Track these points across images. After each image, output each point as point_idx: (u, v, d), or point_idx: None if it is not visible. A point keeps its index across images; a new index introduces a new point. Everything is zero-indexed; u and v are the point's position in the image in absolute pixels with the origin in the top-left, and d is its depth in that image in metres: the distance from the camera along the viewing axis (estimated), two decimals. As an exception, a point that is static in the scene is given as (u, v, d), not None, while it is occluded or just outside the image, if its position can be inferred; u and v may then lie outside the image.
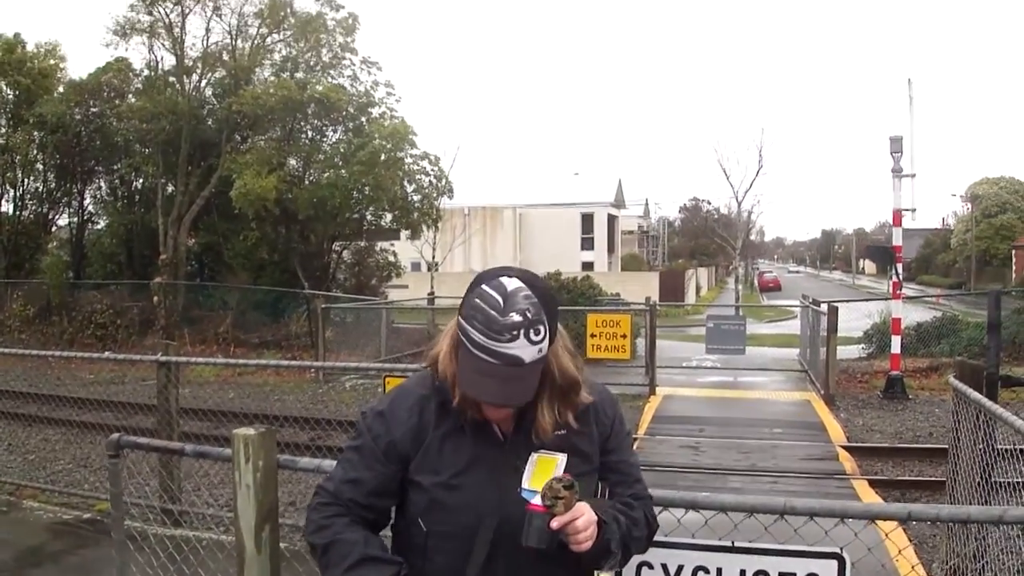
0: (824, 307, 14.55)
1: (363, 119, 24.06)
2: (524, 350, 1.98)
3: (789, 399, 13.62)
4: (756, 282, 76.91)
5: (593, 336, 14.96)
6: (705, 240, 62.29)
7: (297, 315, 22.32)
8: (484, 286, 2.04)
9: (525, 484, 2.05)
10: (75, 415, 11.72)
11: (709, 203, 60.22)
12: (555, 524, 1.96)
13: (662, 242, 79.34)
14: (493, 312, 1.99)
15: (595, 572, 2.26)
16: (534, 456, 2.07)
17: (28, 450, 10.77)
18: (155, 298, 22.61)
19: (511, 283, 2.03)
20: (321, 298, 19.31)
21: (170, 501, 7.04)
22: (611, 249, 58.03)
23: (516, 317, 1.98)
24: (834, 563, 2.55)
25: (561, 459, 2.07)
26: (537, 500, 2.00)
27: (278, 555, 3.01)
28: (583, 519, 1.99)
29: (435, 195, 24.46)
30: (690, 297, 48.34)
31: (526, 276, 2.07)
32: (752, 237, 65.41)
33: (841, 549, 2.55)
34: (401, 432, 2.15)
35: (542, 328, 2.00)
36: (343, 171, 22.53)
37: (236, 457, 2.93)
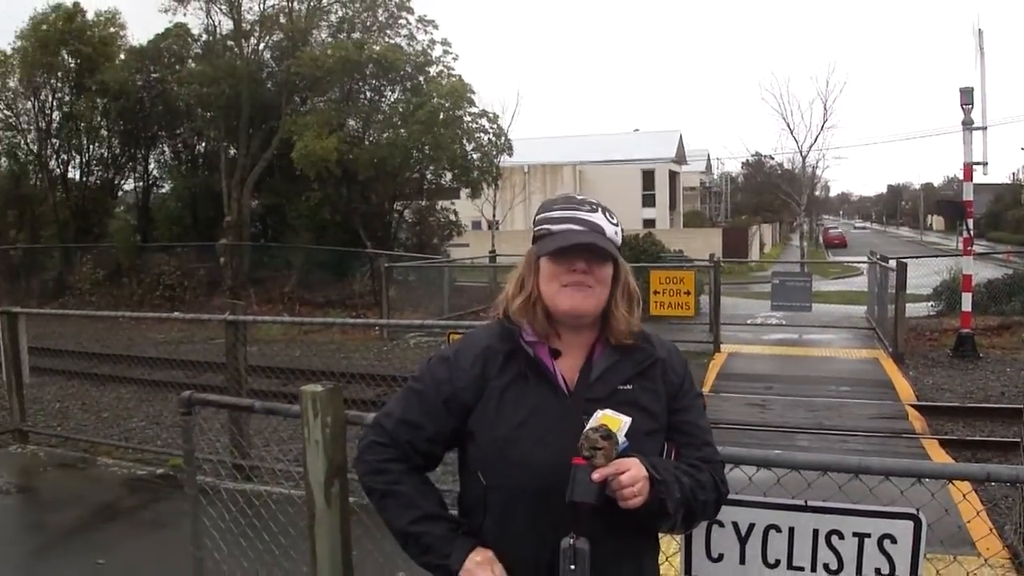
0: (892, 263, 14.22)
1: (421, 78, 24.01)
2: (604, 223, 2.10)
3: (857, 357, 13.39)
4: (821, 238, 75.50)
5: (656, 293, 14.85)
6: (769, 196, 61.08)
7: (360, 274, 22.49)
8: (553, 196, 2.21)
9: None
10: (147, 374, 11.99)
11: (772, 158, 59.04)
12: (596, 476, 1.89)
13: (725, 198, 78.23)
14: (570, 195, 2.16)
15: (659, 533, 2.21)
16: (598, 413, 2.00)
17: (102, 408, 11.08)
18: (221, 259, 23.01)
19: (578, 194, 2.20)
20: (384, 257, 19.44)
21: (240, 456, 7.16)
22: (673, 206, 57.44)
23: (592, 200, 2.14)
24: (910, 524, 2.47)
25: (625, 421, 1.99)
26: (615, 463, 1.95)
27: (348, 509, 3.03)
28: (629, 474, 1.92)
29: (494, 153, 24.36)
30: (754, 254, 47.70)
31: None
32: (817, 193, 64.19)
33: (917, 510, 2.47)
34: (464, 382, 2.13)
35: (616, 218, 2.14)
36: (402, 131, 22.60)
37: (305, 413, 2.95)
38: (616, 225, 2.13)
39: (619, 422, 1.98)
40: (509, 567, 2.03)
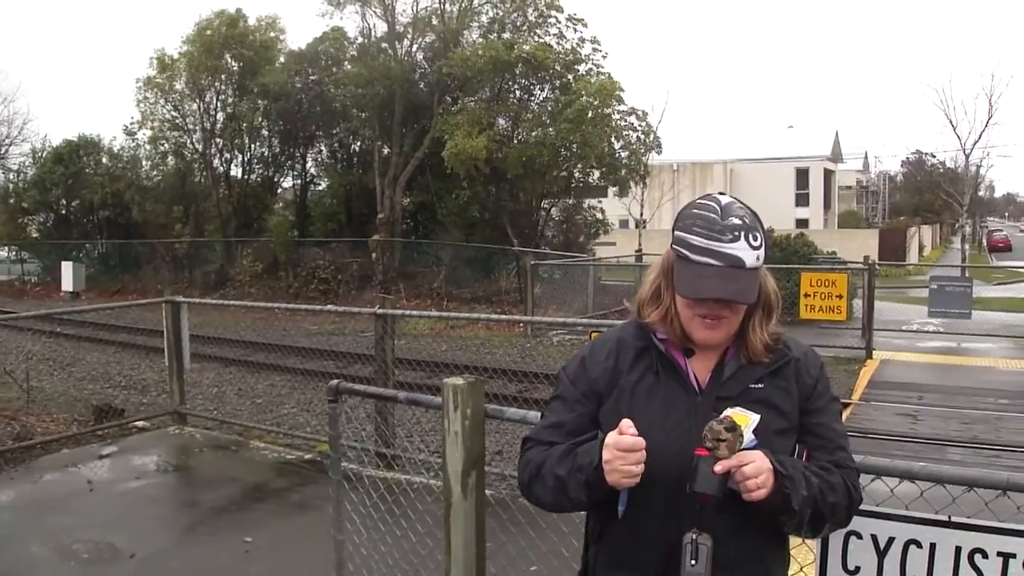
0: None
1: (570, 76, 24.04)
2: (745, 253, 1.99)
3: (1019, 368, 12.63)
4: (985, 241, 71.73)
5: (807, 296, 14.42)
6: (929, 196, 58.42)
7: (507, 271, 22.78)
8: (698, 201, 2.09)
9: None
10: (299, 363, 12.47)
11: (934, 156, 56.39)
12: (719, 468, 1.87)
13: (882, 198, 75.37)
14: (713, 215, 2.01)
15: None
16: (729, 411, 1.97)
17: (256, 395, 11.59)
18: (373, 254, 23.62)
19: (724, 198, 2.08)
20: (530, 255, 19.59)
21: (384, 445, 7.36)
22: (827, 205, 55.79)
23: (736, 220, 2.00)
24: (1060, 546, 2.35)
25: (754, 418, 1.97)
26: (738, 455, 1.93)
27: (483, 501, 3.09)
28: (753, 465, 1.89)
29: (643, 151, 24.18)
30: (912, 257, 45.73)
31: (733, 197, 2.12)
32: (981, 193, 60.97)
33: (1069, 531, 2.34)
34: (598, 372, 2.15)
35: (759, 235, 2.03)
36: (551, 129, 22.66)
37: (445, 405, 3.03)
38: (759, 248, 2.03)
39: (747, 418, 1.96)
40: (635, 561, 2.05)
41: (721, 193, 2.14)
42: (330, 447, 4.07)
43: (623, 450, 1.91)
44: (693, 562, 1.93)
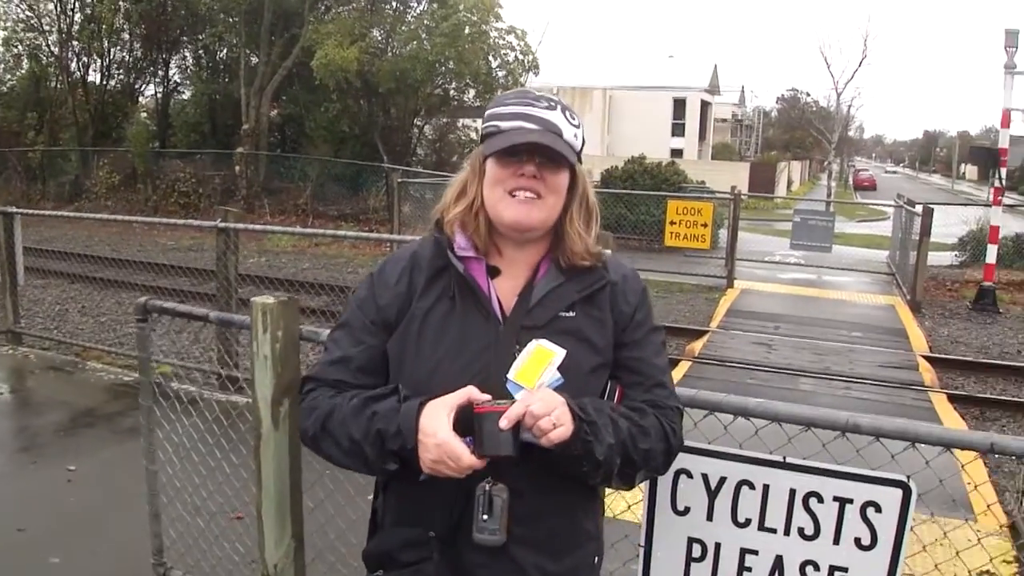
0: (919, 208, 13.77)
1: (448, -11, 23.38)
2: (563, 123, 1.78)
3: (873, 302, 13.07)
4: (851, 180, 74.47)
5: (672, 223, 14.56)
6: (801, 133, 60.21)
7: (376, 189, 22.28)
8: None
9: (511, 375, 1.71)
10: (150, 280, 11.83)
11: (808, 95, 57.88)
12: (504, 424, 1.58)
13: (756, 132, 77.07)
14: (525, 88, 1.85)
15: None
16: (533, 344, 1.72)
17: (100, 313, 10.98)
18: (237, 168, 22.82)
19: (535, 89, 1.88)
20: (399, 172, 19.13)
21: (223, 367, 7.11)
22: (703, 137, 56.54)
23: (551, 96, 1.83)
24: (898, 492, 2.17)
25: (559, 354, 1.71)
26: (521, 394, 1.66)
27: (297, 430, 2.81)
28: (540, 403, 1.61)
29: (520, 71, 23.82)
30: (780, 191, 46.94)
31: None
32: (850, 133, 63.11)
33: (908, 478, 2.17)
34: (388, 298, 1.84)
35: (578, 120, 1.83)
36: (426, 43, 22.13)
37: (254, 326, 2.72)
38: (577, 127, 1.81)
39: (551, 354, 1.70)
40: (423, 516, 1.78)
41: None
42: (139, 370, 3.72)
43: (452, 461, 1.61)
44: (485, 516, 1.67)
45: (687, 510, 2.39)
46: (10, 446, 5.87)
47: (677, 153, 46.62)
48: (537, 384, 1.69)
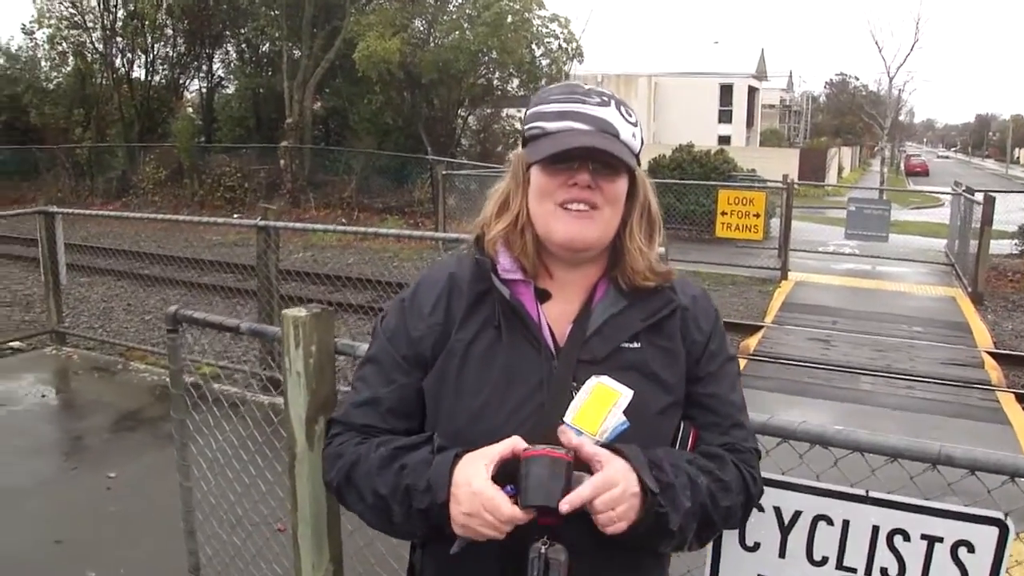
0: (979, 196, 13.29)
1: (489, -23, 23.22)
2: (619, 121, 1.55)
3: (932, 294, 12.63)
4: (903, 165, 73.31)
5: (724, 214, 14.24)
6: (851, 118, 59.25)
7: (421, 181, 22.22)
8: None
9: (568, 418, 1.45)
10: (196, 277, 11.80)
11: (858, 79, 56.93)
12: (565, 508, 1.36)
13: (805, 118, 76.17)
14: (575, 84, 1.60)
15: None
16: (592, 381, 1.47)
17: (146, 310, 10.97)
18: (281, 161, 22.88)
19: (587, 83, 1.64)
20: (443, 164, 19.00)
21: (264, 368, 7.12)
22: (750, 123, 55.84)
23: (605, 92, 1.58)
24: (994, 531, 1.96)
25: (625, 395, 1.46)
26: (581, 439, 1.43)
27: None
28: (607, 496, 1.39)
29: (564, 60, 23.63)
30: (831, 178, 46.23)
31: None
32: (901, 118, 62.02)
33: (1006, 515, 1.95)
34: (422, 330, 1.60)
35: (635, 115, 1.59)
36: (468, 33, 21.98)
37: (286, 341, 2.56)
38: (635, 125, 1.57)
39: (616, 395, 1.46)
40: None
41: None
42: (171, 383, 3.57)
43: (489, 512, 1.38)
44: None
45: (757, 546, 2.22)
46: (52, 451, 5.82)
47: (724, 140, 46.06)
48: (600, 431, 1.44)
